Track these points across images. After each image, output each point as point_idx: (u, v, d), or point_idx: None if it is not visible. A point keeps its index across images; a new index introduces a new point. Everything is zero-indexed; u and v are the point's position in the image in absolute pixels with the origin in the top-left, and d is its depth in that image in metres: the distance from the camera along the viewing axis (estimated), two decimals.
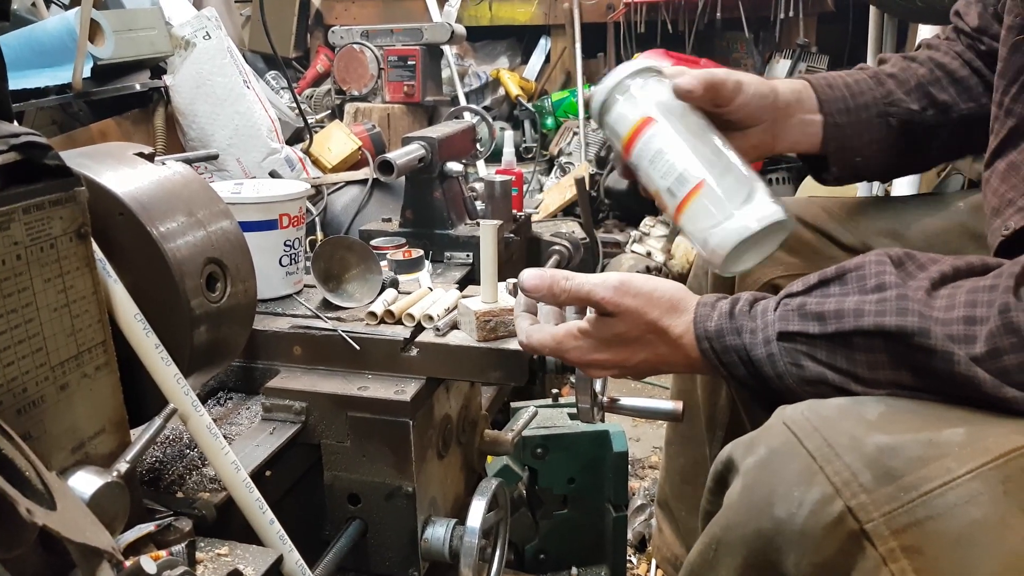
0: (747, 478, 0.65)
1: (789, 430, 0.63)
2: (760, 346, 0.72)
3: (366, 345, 0.98)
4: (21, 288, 0.60)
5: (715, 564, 0.67)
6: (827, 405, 0.65)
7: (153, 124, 2.28)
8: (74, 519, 0.52)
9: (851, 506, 0.57)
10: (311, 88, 3.67)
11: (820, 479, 0.59)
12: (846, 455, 0.59)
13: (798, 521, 0.59)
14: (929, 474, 0.57)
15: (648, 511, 1.63)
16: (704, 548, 0.69)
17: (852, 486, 0.58)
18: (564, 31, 3.77)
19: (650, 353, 0.79)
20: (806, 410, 0.64)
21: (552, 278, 0.80)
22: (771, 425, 0.66)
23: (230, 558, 0.71)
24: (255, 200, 1.07)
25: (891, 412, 0.63)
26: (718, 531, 0.67)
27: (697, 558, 0.70)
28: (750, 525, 0.63)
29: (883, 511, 0.57)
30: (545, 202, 3.19)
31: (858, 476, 0.58)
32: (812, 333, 0.69)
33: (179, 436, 0.93)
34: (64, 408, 0.64)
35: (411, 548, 0.98)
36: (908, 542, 0.56)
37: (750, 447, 0.66)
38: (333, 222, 2.25)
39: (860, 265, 0.69)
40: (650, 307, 0.77)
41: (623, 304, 0.77)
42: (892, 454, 0.58)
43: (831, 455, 0.60)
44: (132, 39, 2.16)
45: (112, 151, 0.80)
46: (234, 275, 0.82)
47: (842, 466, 0.59)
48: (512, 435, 1.17)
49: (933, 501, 0.56)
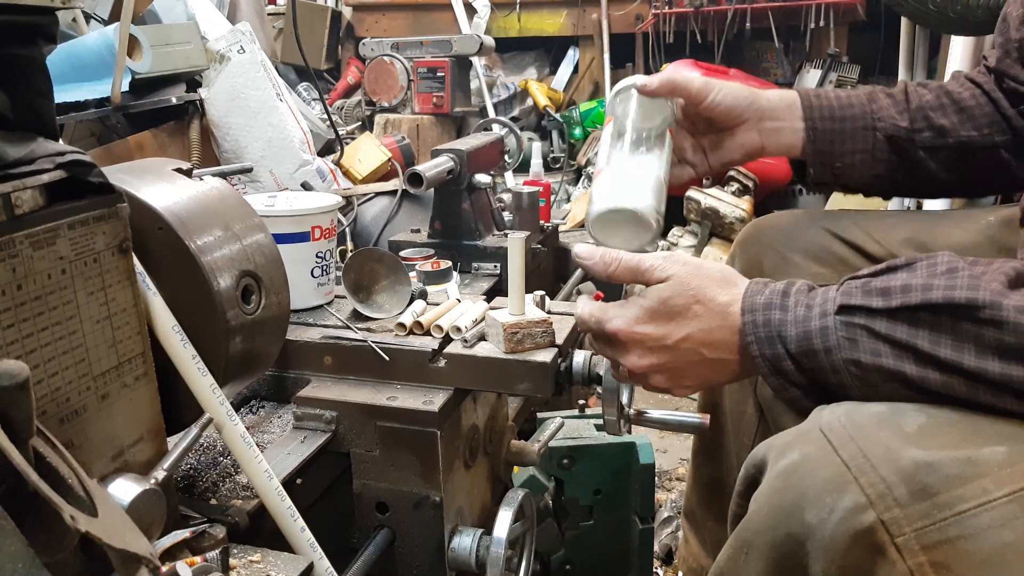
0: (778, 481, 0.64)
1: (824, 436, 0.63)
2: (815, 319, 0.70)
3: (395, 356, 1.00)
4: (66, 301, 0.62)
5: (744, 567, 0.67)
6: (865, 412, 0.64)
7: (188, 136, 2.33)
8: (114, 525, 0.54)
9: (884, 519, 0.57)
10: (342, 99, 3.72)
11: (853, 488, 0.59)
12: (881, 467, 0.59)
13: (828, 528, 0.59)
14: (965, 494, 0.56)
15: (675, 523, 1.62)
16: (734, 551, 0.69)
17: (886, 499, 0.58)
18: (592, 42, 3.78)
19: (694, 328, 0.76)
20: (843, 416, 0.64)
21: (604, 248, 0.82)
22: (806, 430, 0.65)
23: (262, 565, 0.72)
24: (288, 213, 1.09)
25: (931, 424, 0.62)
26: (748, 534, 0.67)
27: (726, 562, 0.70)
28: (780, 528, 0.63)
29: (915, 527, 0.57)
30: (573, 212, 3.20)
31: (893, 490, 0.58)
32: (875, 307, 0.67)
33: (213, 444, 0.95)
34: (105, 417, 0.66)
35: (438, 557, 0.99)
36: (937, 558, 0.56)
37: (783, 451, 0.65)
38: (363, 233, 2.27)
39: (932, 256, 0.68)
40: (698, 275, 0.77)
41: (671, 269, 0.77)
42: (929, 470, 0.58)
43: (866, 466, 0.59)
44: (169, 53, 2.21)
45: (151, 167, 0.83)
46: (268, 287, 0.84)
47: (877, 478, 0.59)
48: (538, 446, 1.18)
49: (967, 521, 0.56)
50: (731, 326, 0.75)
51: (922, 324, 0.65)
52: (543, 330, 0.98)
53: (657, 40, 3.53)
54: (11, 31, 0.61)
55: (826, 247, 1.06)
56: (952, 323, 0.64)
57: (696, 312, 0.76)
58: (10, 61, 0.62)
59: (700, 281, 0.77)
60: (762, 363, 0.73)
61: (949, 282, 0.64)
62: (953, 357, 0.63)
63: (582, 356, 1.00)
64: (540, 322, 0.97)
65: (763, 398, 1.10)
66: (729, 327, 0.75)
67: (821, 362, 0.70)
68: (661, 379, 0.80)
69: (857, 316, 0.68)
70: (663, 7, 3.42)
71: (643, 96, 0.97)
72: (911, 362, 0.65)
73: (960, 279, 0.64)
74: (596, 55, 3.76)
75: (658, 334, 0.78)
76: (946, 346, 0.64)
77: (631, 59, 3.80)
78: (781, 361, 0.72)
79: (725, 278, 0.77)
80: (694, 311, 0.76)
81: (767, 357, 0.73)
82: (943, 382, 0.64)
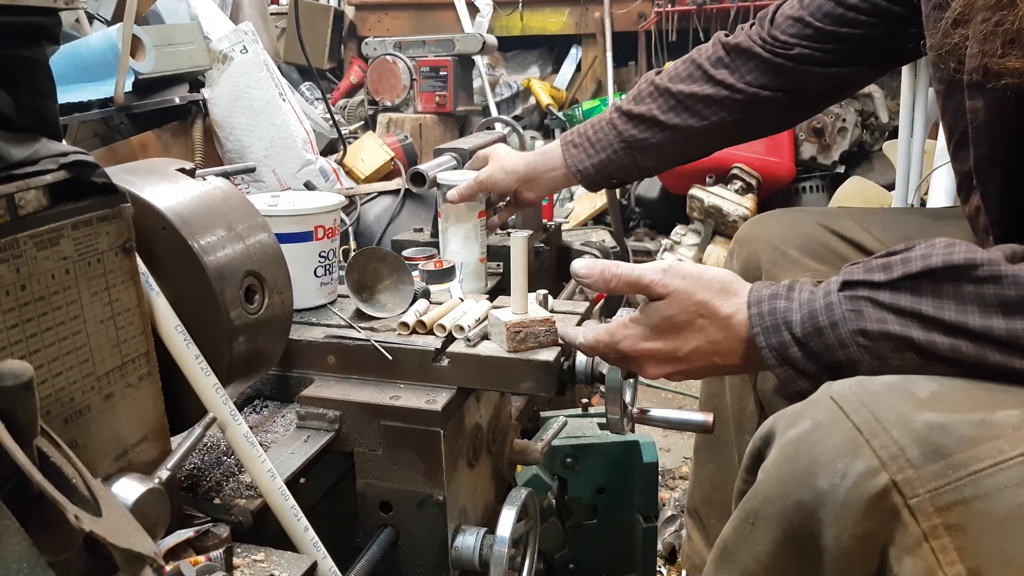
0: (787, 449, 0.63)
1: (835, 404, 0.62)
2: (820, 299, 0.71)
3: (398, 355, 1.00)
4: (70, 301, 0.62)
5: (751, 538, 0.66)
6: (875, 382, 0.64)
7: (191, 136, 2.34)
8: (118, 525, 0.54)
9: (896, 480, 0.57)
10: (345, 99, 3.73)
11: (866, 451, 0.58)
12: (894, 430, 0.58)
13: (840, 492, 0.58)
14: (980, 454, 0.56)
15: (679, 522, 1.62)
16: (739, 523, 0.68)
17: (899, 460, 0.57)
18: (595, 40, 3.79)
19: (701, 340, 0.78)
20: (854, 386, 0.63)
21: (603, 264, 0.82)
22: (816, 400, 0.65)
23: (266, 564, 0.72)
24: (291, 213, 1.10)
25: (943, 391, 0.62)
26: (756, 504, 0.65)
27: (731, 534, 0.69)
28: (790, 496, 0.62)
29: (929, 487, 0.56)
30: (575, 211, 3.20)
31: (905, 451, 0.57)
32: (877, 280, 0.68)
33: (216, 443, 0.95)
34: (109, 417, 0.66)
35: (441, 556, 0.99)
36: (952, 520, 0.55)
37: (793, 420, 0.65)
38: (366, 232, 2.28)
39: (931, 240, 0.69)
40: (699, 288, 0.78)
41: (672, 285, 0.78)
42: (942, 432, 0.57)
43: (878, 429, 0.59)
44: (172, 54, 2.21)
45: (155, 167, 0.83)
46: (271, 287, 0.84)
47: (889, 440, 0.58)
48: (542, 445, 1.18)
49: (981, 481, 0.55)
50: (736, 336, 0.77)
51: (924, 291, 0.65)
52: (546, 329, 0.98)
53: (660, 38, 3.53)
54: (14, 32, 0.61)
55: (824, 244, 1.06)
56: (954, 287, 0.64)
57: (701, 326, 0.78)
58: (13, 62, 0.62)
59: (702, 295, 0.78)
60: (768, 354, 0.73)
61: (948, 250, 0.65)
62: (958, 319, 0.64)
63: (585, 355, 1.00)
64: (543, 321, 0.97)
65: (763, 393, 1.10)
66: (735, 337, 0.77)
67: (828, 339, 0.70)
68: (678, 378, 0.84)
69: (860, 290, 0.69)
70: (666, 5, 3.42)
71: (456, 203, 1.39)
72: (917, 328, 0.65)
73: (957, 247, 0.65)
74: (599, 53, 3.76)
75: (667, 348, 0.80)
76: (950, 309, 0.64)
77: (634, 57, 3.80)
78: (788, 349, 0.72)
79: (725, 288, 0.78)
80: (699, 324, 0.78)
81: (773, 347, 0.73)
82: (950, 345, 0.64)
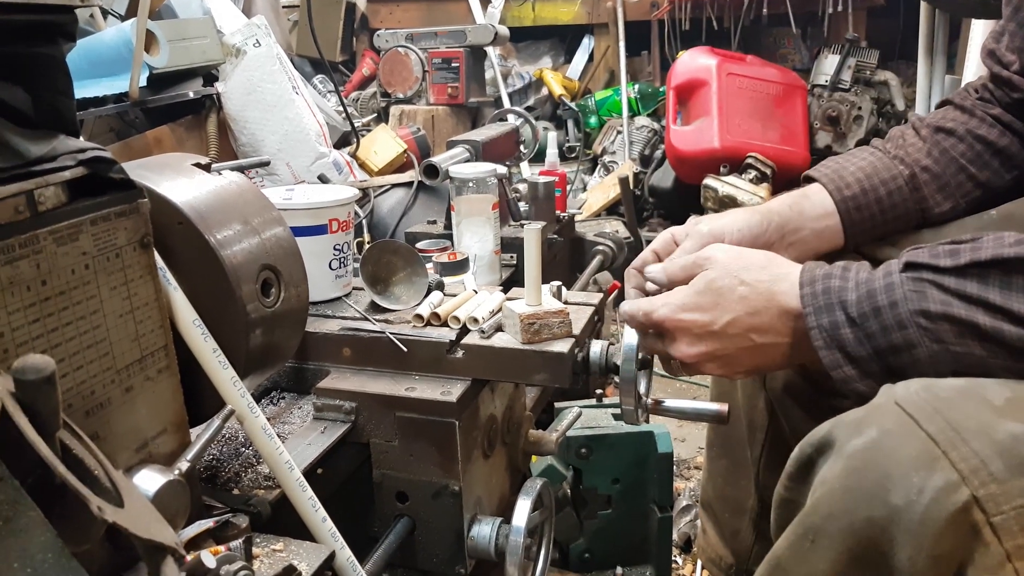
0: (854, 460, 0.59)
1: (903, 410, 0.58)
2: (879, 279, 0.68)
3: (413, 347, 1.00)
4: (89, 296, 0.63)
5: (810, 556, 0.62)
6: (943, 386, 0.60)
7: (206, 130, 2.35)
8: (140, 516, 0.55)
9: (979, 496, 0.53)
10: (357, 91, 3.73)
11: (943, 464, 0.54)
12: (974, 441, 0.55)
13: (918, 509, 0.54)
14: None
15: (693, 512, 1.62)
16: (797, 539, 0.63)
17: (981, 474, 0.53)
18: (607, 30, 3.76)
19: (740, 310, 0.75)
20: (921, 390, 0.59)
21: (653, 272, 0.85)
22: (880, 404, 0.61)
23: (285, 554, 0.73)
24: (306, 206, 1.10)
25: (1019, 397, 0.58)
26: (817, 520, 0.61)
27: (787, 551, 0.65)
28: (859, 512, 0.58)
29: (1015, 504, 0.53)
30: (589, 202, 3.19)
31: (988, 464, 0.54)
32: (943, 266, 0.65)
33: (234, 435, 0.96)
34: (128, 410, 0.67)
35: (458, 546, 1.00)
36: None
37: (857, 427, 0.60)
38: (379, 224, 2.28)
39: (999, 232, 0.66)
40: (742, 258, 0.78)
41: (716, 256, 0.79)
42: None
43: (956, 439, 0.55)
44: (185, 48, 2.22)
45: (170, 162, 0.84)
46: (287, 280, 0.85)
47: (969, 452, 0.54)
48: (556, 435, 1.18)
49: None
50: (778, 307, 0.74)
51: (992, 280, 0.63)
52: (560, 320, 0.98)
53: (673, 27, 3.51)
54: (31, 30, 0.61)
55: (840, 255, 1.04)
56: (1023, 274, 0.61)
57: (741, 294, 0.75)
58: (31, 59, 0.62)
59: (744, 262, 0.77)
60: (818, 335, 0.70)
61: (1019, 243, 0.63)
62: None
63: (599, 346, 1.00)
64: (557, 312, 0.98)
65: (773, 392, 1.10)
66: (776, 308, 0.74)
67: (885, 318, 0.67)
68: (713, 367, 0.80)
69: (925, 272, 0.66)
70: None
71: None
72: (983, 314, 0.63)
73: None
74: (611, 43, 3.73)
75: (704, 320, 0.77)
76: (1019, 300, 0.61)
77: (646, 47, 3.77)
78: (839, 329, 0.69)
79: (769, 260, 0.77)
80: (739, 293, 0.75)
81: (824, 327, 0.70)
82: (1018, 335, 0.61)
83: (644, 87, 3.57)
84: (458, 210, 1.47)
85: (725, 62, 3.05)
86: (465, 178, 1.44)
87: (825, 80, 3.13)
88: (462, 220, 1.47)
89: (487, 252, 1.47)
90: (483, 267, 1.46)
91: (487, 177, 1.46)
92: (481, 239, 1.46)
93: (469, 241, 1.46)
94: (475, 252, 1.44)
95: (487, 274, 1.47)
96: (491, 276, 1.49)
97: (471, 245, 1.46)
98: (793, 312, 0.73)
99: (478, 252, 1.45)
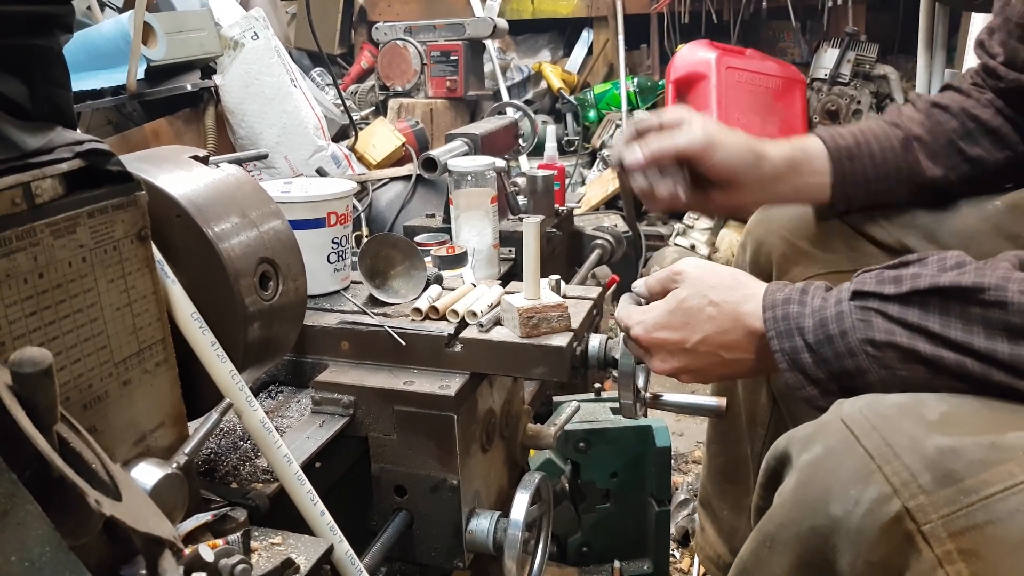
0: (802, 475, 0.64)
1: (847, 428, 0.63)
2: (831, 307, 0.72)
3: (411, 341, 1.00)
4: (87, 289, 0.63)
5: (768, 561, 0.67)
6: (886, 402, 0.64)
7: (204, 123, 2.34)
8: (138, 509, 0.55)
9: (909, 507, 0.57)
10: (355, 84, 3.71)
11: (878, 478, 0.59)
12: (905, 455, 0.59)
13: (854, 519, 0.59)
14: (990, 478, 0.56)
15: (691, 506, 1.63)
16: (757, 545, 0.69)
17: (911, 487, 0.57)
18: (607, 23, 3.75)
19: (709, 329, 0.81)
20: (865, 408, 0.64)
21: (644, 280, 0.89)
22: (828, 422, 0.65)
23: (283, 547, 0.73)
24: (304, 199, 1.10)
25: (953, 412, 0.62)
26: (772, 528, 0.67)
27: (750, 556, 0.70)
28: (805, 522, 0.63)
29: (942, 513, 0.56)
30: (587, 195, 3.19)
31: (917, 477, 0.58)
32: (887, 293, 0.69)
33: (233, 428, 0.96)
34: (126, 403, 0.67)
35: (456, 539, 1.00)
36: (966, 545, 0.56)
37: (806, 444, 0.65)
38: (378, 218, 2.28)
39: (942, 253, 0.70)
40: (710, 276, 0.82)
41: (686, 271, 0.83)
42: (953, 456, 0.57)
43: (890, 455, 0.59)
44: (183, 41, 2.21)
45: (168, 155, 0.83)
46: (285, 274, 0.85)
47: (901, 467, 0.58)
48: (555, 429, 1.19)
49: (994, 505, 0.55)
50: (744, 327, 0.79)
51: (932, 308, 0.67)
52: (558, 314, 0.98)
53: (672, 20, 3.50)
54: (28, 21, 0.61)
55: (834, 233, 1.05)
56: (961, 307, 0.66)
57: (710, 314, 0.81)
58: (28, 51, 0.62)
59: (713, 280, 0.82)
60: (781, 358, 0.75)
61: (958, 271, 0.67)
62: (963, 339, 0.65)
63: (598, 340, 1.00)
64: (555, 306, 0.97)
65: (776, 387, 1.10)
66: (743, 328, 0.79)
67: (837, 346, 0.71)
68: (687, 377, 0.86)
69: (871, 301, 0.71)
70: None
71: None
72: (924, 342, 0.67)
73: (966, 269, 0.67)
74: (610, 36, 3.72)
75: (676, 339, 0.83)
76: (956, 328, 0.66)
77: (646, 40, 3.77)
78: (799, 354, 0.74)
79: (736, 280, 0.82)
80: (707, 313, 0.81)
81: (786, 351, 0.75)
82: (956, 361, 0.66)
83: (643, 81, 3.56)
84: (457, 204, 1.47)
85: (724, 56, 3.04)
86: (464, 172, 1.44)
87: (824, 74, 3.13)
88: (461, 214, 1.46)
89: (486, 246, 1.47)
90: (482, 261, 1.46)
91: (486, 171, 1.46)
92: (480, 233, 1.46)
93: (468, 235, 1.46)
94: (474, 246, 1.44)
95: (486, 268, 1.47)
96: (490, 270, 1.49)
97: (470, 239, 1.46)
98: (758, 333, 0.78)
99: (477, 246, 1.45)
